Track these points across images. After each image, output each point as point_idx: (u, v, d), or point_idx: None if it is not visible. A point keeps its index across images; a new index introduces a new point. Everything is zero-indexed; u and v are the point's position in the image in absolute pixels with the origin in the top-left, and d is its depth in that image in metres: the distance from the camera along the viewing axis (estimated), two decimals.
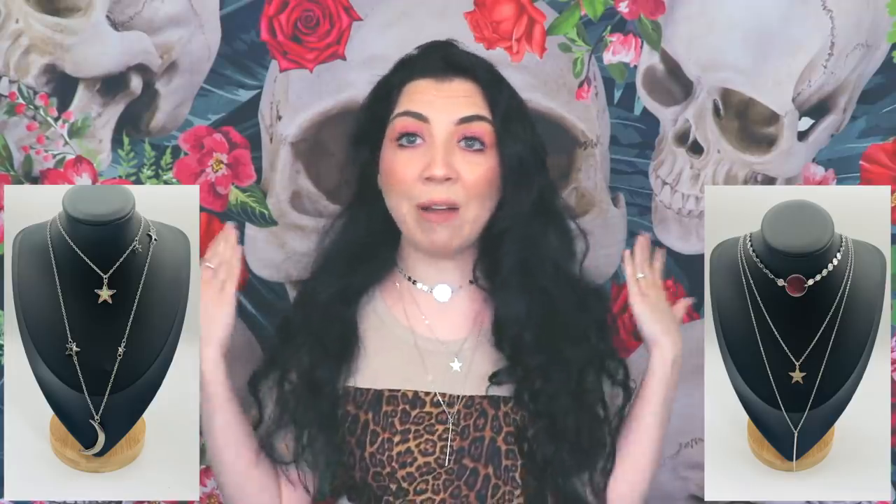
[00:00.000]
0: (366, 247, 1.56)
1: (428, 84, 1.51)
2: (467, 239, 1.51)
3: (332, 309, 1.53)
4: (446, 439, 1.49)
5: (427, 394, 1.50)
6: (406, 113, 1.50)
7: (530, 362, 1.49)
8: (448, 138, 1.48)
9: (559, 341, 1.51)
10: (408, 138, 1.50)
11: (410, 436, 1.49)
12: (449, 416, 1.49)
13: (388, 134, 1.52)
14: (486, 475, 1.49)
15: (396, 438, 1.48)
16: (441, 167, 1.47)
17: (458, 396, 1.50)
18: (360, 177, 1.57)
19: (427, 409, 1.50)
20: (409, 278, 1.56)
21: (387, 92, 1.54)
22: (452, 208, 1.48)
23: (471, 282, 1.54)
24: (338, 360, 1.52)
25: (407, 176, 1.49)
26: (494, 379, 1.51)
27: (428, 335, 1.53)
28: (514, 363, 1.50)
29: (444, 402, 1.50)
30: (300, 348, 1.52)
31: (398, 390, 1.50)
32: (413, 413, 1.49)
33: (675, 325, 1.56)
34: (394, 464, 1.48)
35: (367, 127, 1.55)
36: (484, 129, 1.49)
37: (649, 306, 1.55)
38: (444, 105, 1.50)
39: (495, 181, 1.50)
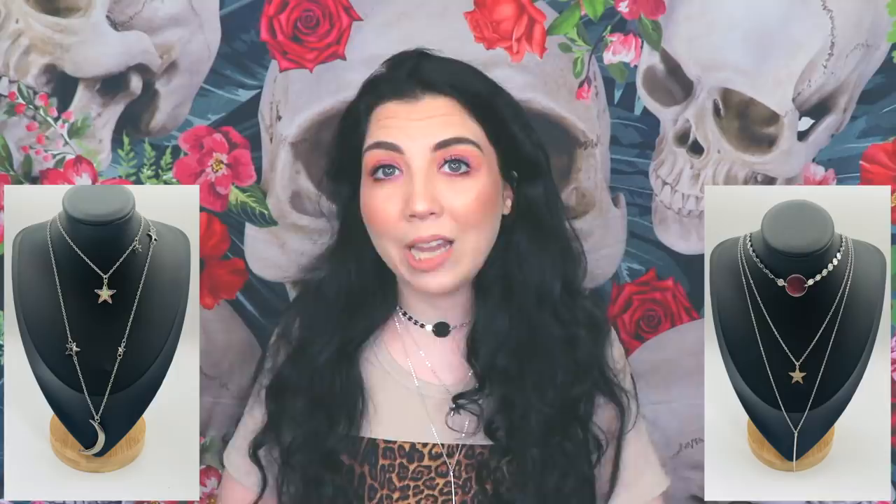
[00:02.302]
0: (362, 292, 1.45)
1: (397, 107, 1.37)
2: (469, 273, 1.39)
3: (332, 369, 1.43)
4: (447, 493, 1.42)
5: (425, 445, 1.42)
6: (377, 144, 1.36)
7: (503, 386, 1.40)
8: (427, 167, 1.34)
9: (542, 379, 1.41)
10: (384, 171, 1.36)
11: (410, 492, 1.41)
12: (450, 469, 1.42)
13: (364, 168, 1.38)
14: None
15: (396, 495, 1.42)
16: (423, 202, 1.32)
17: (459, 446, 1.42)
18: (343, 215, 1.47)
19: (426, 462, 1.42)
20: (409, 317, 1.47)
21: (355, 120, 1.41)
22: (445, 244, 1.35)
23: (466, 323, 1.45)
24: (339, 420, 1.43)
25: (388, 214, 1.35)
26: (458, 401, 1.41)
27: (430, 380, 1.45)
28: (483, 383, 1.40)
29: (444, 451, 1.42)
30: (298, 412, 1.44)
31: (394, 441, 1.42)
32: (411, 467, 1.42)
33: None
34: None
35: (341, 160, 1.44)
36: (468, 151, 1.35)
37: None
38: (417, 130, 1.35)
39: (490, 205, 1.37)
